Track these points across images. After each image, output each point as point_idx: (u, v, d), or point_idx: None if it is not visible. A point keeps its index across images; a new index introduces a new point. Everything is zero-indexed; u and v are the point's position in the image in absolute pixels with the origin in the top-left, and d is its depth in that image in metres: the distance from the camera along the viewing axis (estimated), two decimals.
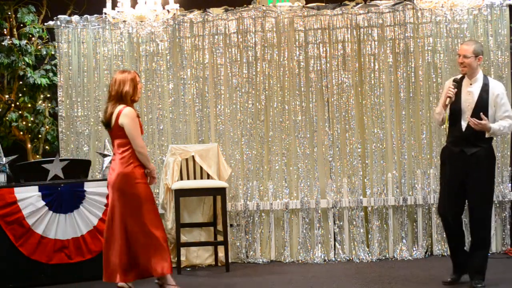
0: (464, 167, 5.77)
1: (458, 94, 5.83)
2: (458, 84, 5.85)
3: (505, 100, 5.80)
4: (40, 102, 8.19)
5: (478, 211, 5.80)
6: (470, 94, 5.79)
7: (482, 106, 5.74)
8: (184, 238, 7.22)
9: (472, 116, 5.72)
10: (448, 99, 5.80)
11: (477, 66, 5.82)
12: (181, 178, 7.20)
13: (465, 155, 5.77)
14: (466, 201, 5.93)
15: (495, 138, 7.17)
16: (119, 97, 5.79)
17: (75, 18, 7.64)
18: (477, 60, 5.80)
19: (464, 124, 5.77)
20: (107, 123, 5.83)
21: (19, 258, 6.54)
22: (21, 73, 8.08)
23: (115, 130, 5.79)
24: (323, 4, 7.56)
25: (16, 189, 6.57)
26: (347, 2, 7.50)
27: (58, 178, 6.92)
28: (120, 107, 5.76)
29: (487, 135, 5.74)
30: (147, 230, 5.75)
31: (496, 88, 5.81)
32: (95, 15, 7.59)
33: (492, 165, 5.89)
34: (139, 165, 5.81)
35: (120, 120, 5.73)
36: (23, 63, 8.03)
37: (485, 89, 5.78)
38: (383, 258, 7.32)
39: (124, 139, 5.77)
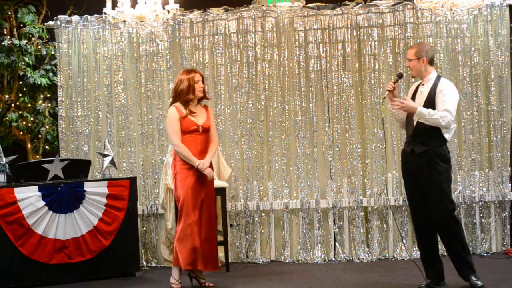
0: (416, 167, 5.78)
1: (412, 96, 5.89)
2: (400, 78, 5.95)
3: (448, 97, 5.71)
4: (40, 102, 8.20)
5: (438, 212, 5.73)
6: (422, 94, 5.84)
7: (430, 104, 5.75)
8: None
9: None
10: (387, 92, 5.82)
11: (423, 68, 5.80)
12: None
13: (415, 154, 5.78)
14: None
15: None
16: (175, 95, 6.24)
17: (75, 18, 7.64)
18: (421, 61, 5.78)
19: (414, 124, 5.80)
20: None
21: (19, 258, 6.54)
22: (21, 73, 8.09)
23: None
24: (323, 4, 7.56)
25: (16, 189, 6.58)
26: (347, 2, 7.50)
27: (58, 178, 6.92)
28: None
29: (414, 117, 5.72)
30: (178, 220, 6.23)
31: (442, 85, 5.78)
32: (95, 15, 7.60)
33: (444, 165, 5.75)
34: (180, 160, 6.18)
35: None
36: (23, 63, 8.04)
37: (433, 88, 5.80)
38: (383, 258, 7.32)
39: None
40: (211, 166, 6.22)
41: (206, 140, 6.23)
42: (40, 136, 8.19)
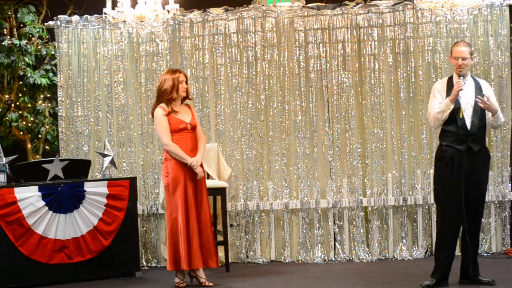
0: (470, 166, 5.83)
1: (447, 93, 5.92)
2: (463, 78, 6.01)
3: (494, 97, 6.07)
4: (40, 102, 8.20)
5: (478, 210, 5.93)
6: (467, 92, 5.87)
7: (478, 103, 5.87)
8: None
9: (473, 114, 5.83)
10: (459, 91, 5.82)
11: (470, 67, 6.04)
12: None
13: (472, 151, 5.83)
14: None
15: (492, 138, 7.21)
16: (159, 94, 6.29)
17: (75, 18, 7.64)
18: (472, 60, 6.03)
19: (468, 122, 5.83)
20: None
21: (19, 258, 6.54)
22: (21, 73, 8.09)
23: None
24: (323, 4, 7.56)
25: (16, 189, 6.58)
26: (347, 2, 7.50)
27: (58, 178, 6.92)
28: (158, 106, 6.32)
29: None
30: (167, 220, 6.32)
31: (487, 85, 6.08)
32: (95, 15, 7.59)
33: (489, 165, 6.13)
34: (172, 160, 6.24)
35: None
36: (23, 63, 8.04)
37: (478, 87, 5.93)
38: (383, 258, 7.32)
39: None
40: (201, 165, 6.33)
41: (195, 138, 6.34)
42: (40, 136, 8.19)
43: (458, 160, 5.83)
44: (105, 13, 6.95)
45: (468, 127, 5.83)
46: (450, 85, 5.95)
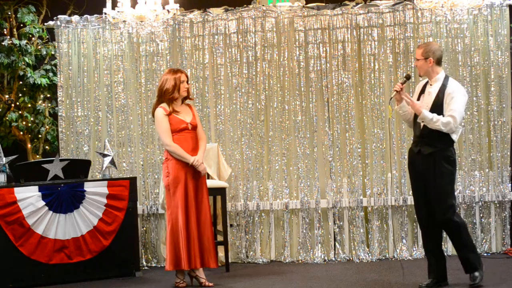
0: (422, 168, 5.81)
1: (420, 95, 5.90)
2: (408, 80, 5.99)
3: (455, 100, 5.72)
4: (40, 102, 8.20)
5: (439, 213, 5.79)
6: (430, 94, 5.84)
7: (437, 106, 5.75)
8: None
9: None
10: (394, 92, 5.87)
11: (430, 68, 5.81)
12: None
13: (422, 155, 5.81)
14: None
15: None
16: (160, 94, 6.29)
17: (75, 18, 7.64)
18: (428, 62, 5.79)
19: (422, 124, 5.82)
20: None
21: (19, 258, 6.54)
22: (21, 73, 8.09)
23: None
24: (323, 4, 7.56)
25: (16, 189, 6.58)
26: (347, 2, 7.50)
27: (58, 178, 6.92)
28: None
29: (418, 119, 5.77)
30: (167, 219, 6.31)
31: (451, 87, 5.78)
32: (95, 15, 7.60)
33: (448, 167, 5.77)
34: (172, 160, 6.24)
35: None
36: (23, 63, 8.04)
37: (442, 90, 5.79)
38: (383, 258, 7.32)
39: None
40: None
41: (196, 138, 6.34)
42: (40, 136, 8.19)
43: (413, 162, 5.91)
44: (105, 13, 6.95)
45: (420, 130, 5.82)
46: (424, 87, 5.95)
